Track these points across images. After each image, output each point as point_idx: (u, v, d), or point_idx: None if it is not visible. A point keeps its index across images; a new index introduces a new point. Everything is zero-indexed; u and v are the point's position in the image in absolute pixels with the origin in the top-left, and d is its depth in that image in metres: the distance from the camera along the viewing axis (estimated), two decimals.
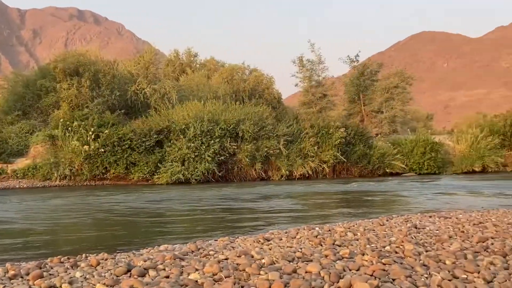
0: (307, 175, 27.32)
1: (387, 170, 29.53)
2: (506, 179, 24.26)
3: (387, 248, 5.65)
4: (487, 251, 5.43)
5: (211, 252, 5.70)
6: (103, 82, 28.59)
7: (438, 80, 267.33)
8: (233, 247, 6.18)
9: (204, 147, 24.86)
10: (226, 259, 5.20)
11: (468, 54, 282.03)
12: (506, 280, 4.06)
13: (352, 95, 42.15)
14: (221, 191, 18.93)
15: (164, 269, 4.74)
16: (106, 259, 5.57)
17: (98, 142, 24.31)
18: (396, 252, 5.43)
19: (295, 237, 6.95)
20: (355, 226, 8.14)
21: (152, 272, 4.61)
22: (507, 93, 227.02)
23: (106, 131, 24.50)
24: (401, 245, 5.79)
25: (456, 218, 8.99)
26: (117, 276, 4.55)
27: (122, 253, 6.17)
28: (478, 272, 4.32)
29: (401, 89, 41.49)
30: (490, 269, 4.50)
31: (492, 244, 5.88)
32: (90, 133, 24.33)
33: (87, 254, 5.94)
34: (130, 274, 4.59)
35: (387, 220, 8.91)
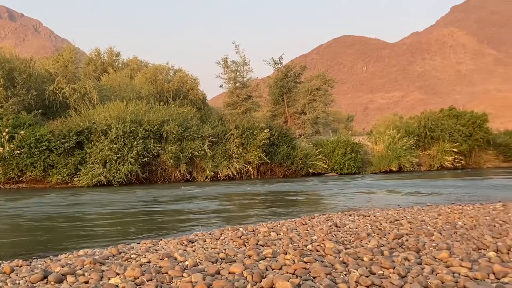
0: (232, 176, 27.42)
1: (310, 170, 30.20)
2: (421, 178, 25.52)
3: (309, 247, 5.78)
4: (402, 247, 5.68)
5: (133, 256, 5.58)
6: (19, 81, 27.23)
7: (358, 83, 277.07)
8: (156, 250, 6.10)
9: (127, 148, 24.31)
10: (149, 262, 5.12)
11: (386, 58, 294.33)
12: (419, 275, 4.27)
13: (276, 96, 42.77)
14: (145, 193, 18.60)
15: (83, 274, 4.58)
16: (21, 266, 5.32)
17: (13, 144, 23.15)
18: (317, 251, 5.57)
19: (219, 238, 6.96)
20: (279, 226, 8.26)
21: (70, 278, 4.45)
22: (421, 96, 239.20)
23: (22, 132, 23.37)
24: (322, 244, 5.95)
25: (374, 216, 9.35)
26: (33, 283, 4.35)
27: (38, 260, 5.91)
28: (394, 268, 4.51)
29: (323, 91, 42.59)
30: (404, 264, 4.73)
31: (407, 240, 6.18)
32: (5, 133, 23.13)
33: (0, 262, 5.65)
34: (47, 280, 4.41)
35: (309, 220, 9.11)
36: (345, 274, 4.38)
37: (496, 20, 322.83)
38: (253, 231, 7.56)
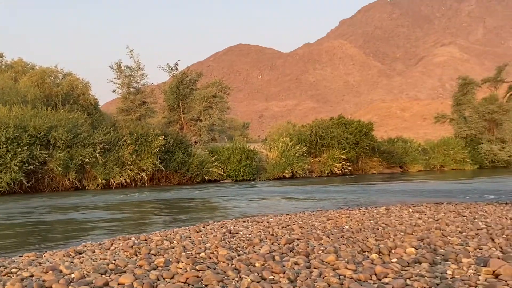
0: (125, 184, 26.69)
1: (206, 177, 30.19)
2: (312, 184, 26.44)
3: (202, 254, 5.75)
4: (293, 252, 5.84)
5: (13, 270, 5.22)
6: None
7: (253, 91, 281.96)
8: (39, 263, 5.75)
9: (10, 155, 22.81)
10: (31, 276, 4.81)
11: (280, 67, 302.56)
12: (307, 278, 4.41)
13: (171, 103, 42.31)
14: (30, 203, 17.54)
15: None
16: None
17: None
18: (211, 258, 5.56)
19: (109, 249, 6.72)
20: (172, 234, 8.15)
21: None
22: (313, 104, 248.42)
23: None
24: (215, 251, 5.95)
25: (267, 222, 9.53)
26: None
27: None
28: (284, 272, 4.62)
29: (219, 98, 42.83)
30: (294, 268, 4.85)
31: (297, 245, 6.35)
32: None
33: None
34: None
35: (203, 227, 9.09)
36: (237, 281, 4.41)
37: (380, 35, 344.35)
38: (146, 240, 7.40)
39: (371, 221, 8.97)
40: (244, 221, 9.88)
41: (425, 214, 9.99)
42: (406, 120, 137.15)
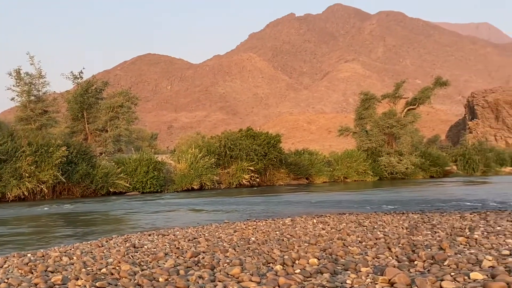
0: (23, 197, 25.24)
1: (111, 190, 29.28)
2: (220, 195, 26.47)
3: (104, 270, 5.55)
4: (198, 265, 5.79)
5: None
6: None
7: (162, 101, 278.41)
8: None
9: None
10: None
11: (190, 78, 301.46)
12: None
13: (75, 112, 40.64)
14: None
15: None
16: None
17: None
18: (112, 274, 5.37)
19: (2, 267, 6.31)
20: (72, 249, 7.80)
21: None
22: (223, 116, 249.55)
23: None
24: (118, 266, 5.77)
25: (173, 235, 9.39)
26: None
27: None
28: (188, 287, 4.56)
29: (126, 108, 41.78)
30: (198, 282, 4.81)
31: (203, 258, 6.31)
32: None
33: None
34: None
35: (106, 241, 8.79)
36: None
37: (288, 49, 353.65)
38: (43, 256, 7.02)
39: (277, 232, 9.12)
40: (149, 235, 9.67)
41: (329, 225, 10.31)
42: (312, 133, 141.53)
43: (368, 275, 4.85)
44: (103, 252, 7.19)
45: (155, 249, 7.37)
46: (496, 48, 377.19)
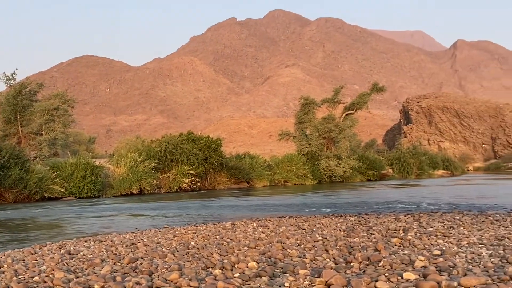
0: None
1: (46, 195, 28.26)
2: (161, 200, 26.13)
3: (36, 278, 5.36)
4: (136, 271, 5.69)
5: None
6: None
7: (101, 104, 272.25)
8: None
9: None
10: None
11: (130, 81, 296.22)
12: None
13: (8, 115, 39.07)
14: None
15: None
16: None
17: None
18: (45, 282, 5.20)
19: None
20: (3, 257, 7.48)
21: None
22: (163, 120, 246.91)
23: None
24: (51, 274, 5.58)
25: (111, 240, 9.19)
26: None
27: None
28: None
29: (62, 111, 40.58)
30: None
31: (141, 264, 6.21)
32: None
33: None
34: None
35: (40, 248, 8.49)
36: None
37: (229, 53, 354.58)
38: None
39: (217, 237, 9.10)
40: (86, 241, 9.42)
41: (268, 228, 10.40)
42: (253, 137, 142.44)
43: (306, 278, 4.93)
44: (36, 260, 6.94)
45: (91, 256, 7.19)
46: (429, 55, 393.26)
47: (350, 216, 13.31)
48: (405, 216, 12.60)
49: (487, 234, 8.21)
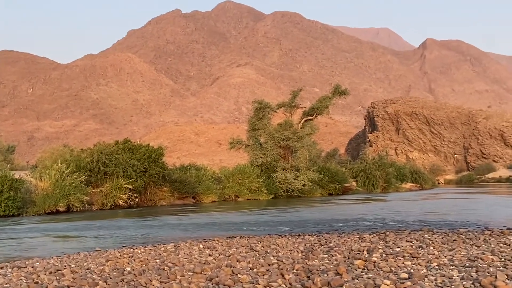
0: None
1: None
2: (92, 219, 25.63)
3: None
4: None
5: None
6: None
7: (22, 107, 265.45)
8: None
9: None
10: None
11: (56, 81, 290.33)
12: None
13: None
14: None
15: None
16: None
17: None
18: None
19: None
20: None
21: None
22: (96, 125, 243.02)
23: None
24: None
25: (32, 267, 8.94)
26: None
27: None
28: None
29: None
30: None
31: None
32: None
33: None
34: None
35: None
36: None
37: (173, 50, 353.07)
38: None
39: (157, 261, 9.01)
40: (1, 268, 9.12)
41: (217, 250, 10.36)
42: (200, 145, 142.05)
43: None
44: None
45: (7, 285, 6.97)
46: (397, 55, 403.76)
47: (309, 235, 13.43)
48: (370, 235, 12.82)
49: (459, 254, 8.45)
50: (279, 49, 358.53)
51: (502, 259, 7.93)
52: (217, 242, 12.21)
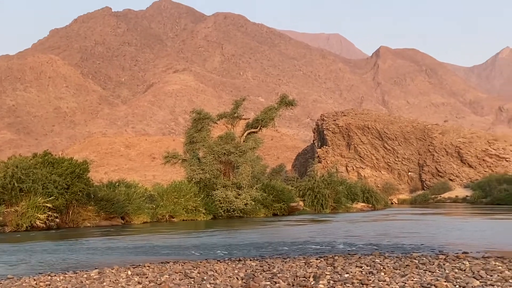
0: None
1: None
2: (5, 242, 24.90)
3: None
4: None
5: None
6: None
7: None
8: None
9: None
10: None
11: None
12: None
13: None
14: None
15: None
16: None
17: None
18: None
19: None
20: None
21: None
22: (11, 136, 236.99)
23: None
24: None
25: None
26: None
27: None
28: None
29: None
30: None
31: None
32: None
33: None
34: None
35: None
36: None
37: (102, 52, 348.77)
38: None
39: None
40: None
41: (147, 277, 10.24)
42: (131, 160, 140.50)
43: None
44: None
45: None
46: (348, 64, 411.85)
47: (250, 260, 13.44)
48: (317, 259, 12.94)
49: (411, 280, 8.63)
50: (221, 54, 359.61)
51: (457, 286, 8.15)
52: (147, 268, 12.06)
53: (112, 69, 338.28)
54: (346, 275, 9.33)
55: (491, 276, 9.63)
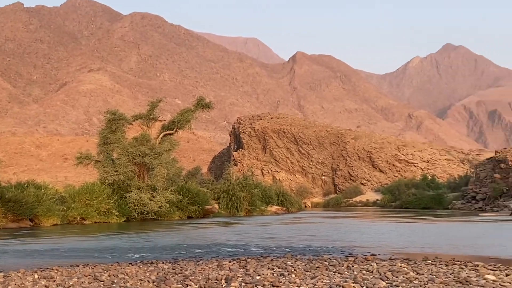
0: None
1: None
2: None
3: None
4: None
5: None
6: None
7: None
8: None
9: None
10: None
11: None
12: None
13: None
14: None
15: None
16: None
17: None
18: None
19: None
20: None
21: None
22: None
23: None
24: None
25: None
26: None
27: None
28: None
29: None
30: None
31: None
32: None
33: None
34: None
35: None
36: None
37: (12, 49, 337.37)
38: None
39: None
40: None
41: (54, 281, 9.99)
42: (42, 160, 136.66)
43: None
44: None
45: None
46: (265, 68, 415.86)
47: (163, 263, 13.34)
48: (229, 262, 12.98)
49: (321, 282, 8.80)
50: (138, 55, 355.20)
51: (364, 287, 8.37)
52: (55, 271, 11.75)
53: (23, 66, 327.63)
54: (258, 277, 9.41)
55: (397, 277, 9.95)
